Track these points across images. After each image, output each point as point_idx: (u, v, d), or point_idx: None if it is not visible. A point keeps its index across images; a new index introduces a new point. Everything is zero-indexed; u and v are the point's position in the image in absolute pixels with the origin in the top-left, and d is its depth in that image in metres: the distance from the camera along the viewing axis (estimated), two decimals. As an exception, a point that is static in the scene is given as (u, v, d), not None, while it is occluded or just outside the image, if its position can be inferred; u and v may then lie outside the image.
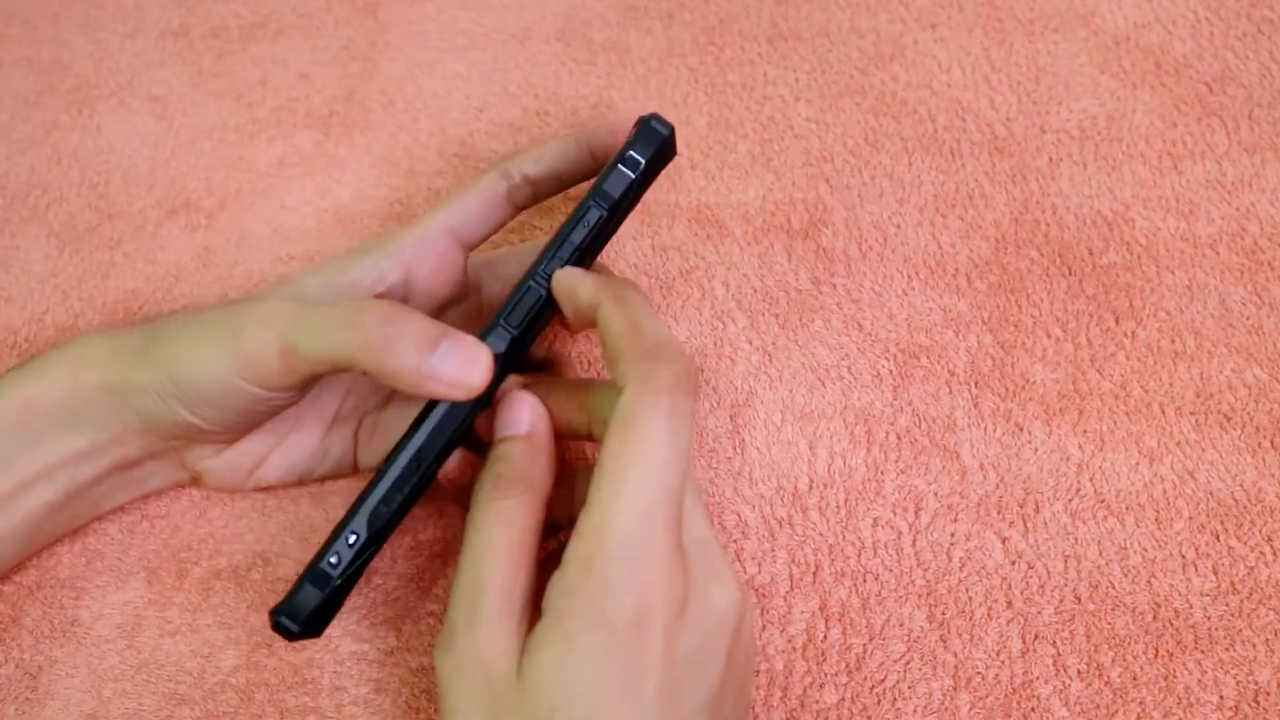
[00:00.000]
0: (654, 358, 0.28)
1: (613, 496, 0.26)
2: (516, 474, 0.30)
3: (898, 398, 0.39)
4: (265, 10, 0.52)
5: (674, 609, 0.27)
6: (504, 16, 0.51)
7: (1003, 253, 0.42)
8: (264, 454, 0.36)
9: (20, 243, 0.45)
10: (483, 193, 0.35)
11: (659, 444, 0.27)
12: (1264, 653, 0.33)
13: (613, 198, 0.32)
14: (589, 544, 0.26)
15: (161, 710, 0.35)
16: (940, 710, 0.33)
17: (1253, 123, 0.44)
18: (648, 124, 0.32)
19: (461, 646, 0.27)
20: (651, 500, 0.26)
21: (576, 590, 0.26)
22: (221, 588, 0.37)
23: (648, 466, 0.27)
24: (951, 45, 0.47)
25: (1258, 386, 0.38)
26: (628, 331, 0.29)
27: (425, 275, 0.35)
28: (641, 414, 0.27)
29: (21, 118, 0.49)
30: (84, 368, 0.33)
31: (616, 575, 0.26)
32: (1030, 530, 0.36)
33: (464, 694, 0.27)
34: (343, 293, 0.34)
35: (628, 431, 0.27)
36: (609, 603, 0.26)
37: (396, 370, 0.29)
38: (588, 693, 0.26)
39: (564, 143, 0.36)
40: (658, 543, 0.27)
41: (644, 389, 0.27)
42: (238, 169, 0.47)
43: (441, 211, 0.35)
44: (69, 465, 0.34)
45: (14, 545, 0.35)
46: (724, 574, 0.29)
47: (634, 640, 0.26)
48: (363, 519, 0.30)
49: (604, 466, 0.27)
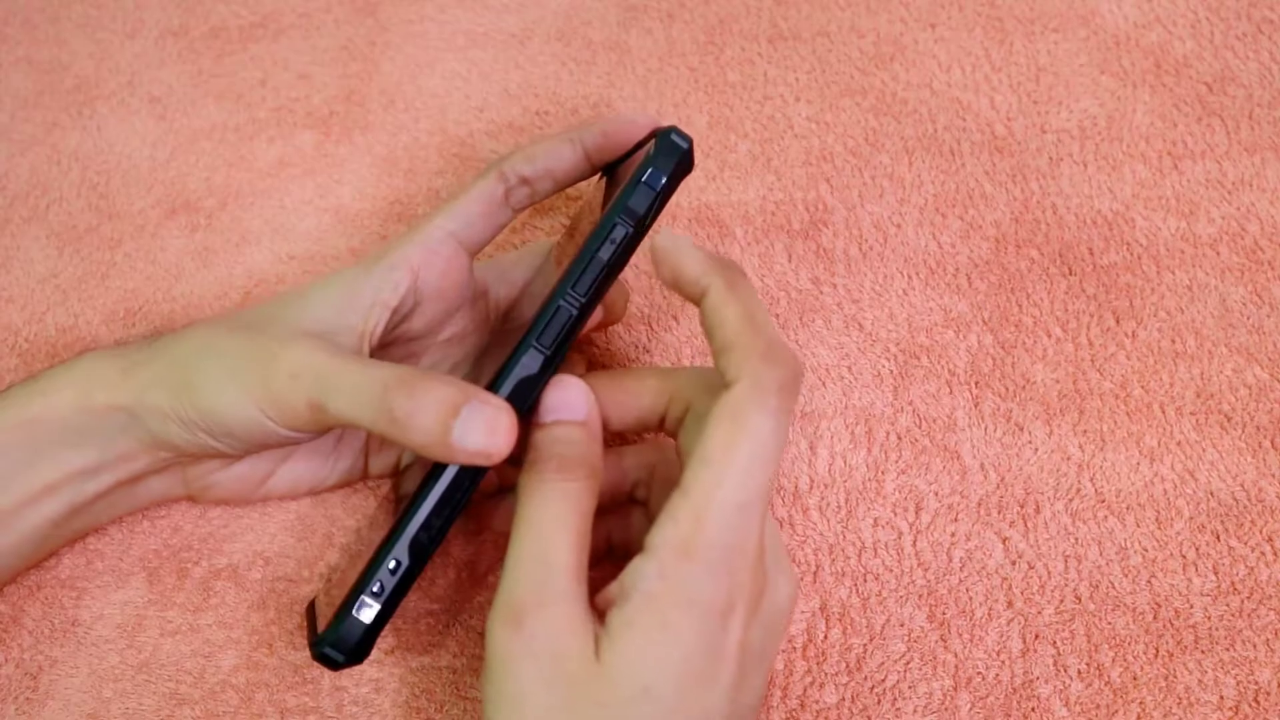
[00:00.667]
0: (769, 358, 0.28)
1: (716, 485, 0.27)
2: (580, 457, 0.30)
3: (898, 398, 0.39)
4: (265, 10, 0.52)
5: (753, 601, 0.28)
6: (504, 16, 0.51)
7: (1003, 253, 0.42)
8: (272, 468, 0.36)
9: (20, 243, 0.45)
10: (482, 196, 0.35)
11: (765, 443, 0.27)
12: (1264, 653, 0.33)
13: (639, 214, 0.31)
14: (687, 528, 0.27)
15: (162, 710, 0.35)
16: (940, 710, 0.33)
17: (1253, 123, 0.44)
18: (668, 138, 0.32)
19: (534, 623, 0.27)
20: (752, 494, 0.27)
21: (669, 574, 0.27)
22: (222, 588, 0.37)
23: (751, 462, 0.27)
24: (951, 45, 0.47)
25: (1258, 386, 0.38)
26: (744, 324, 0.29)
27: (433, 282, 0.35)
28: (752, 411, 0.27)
29: (21, 118, 0.49)
30: (93, 386, 0.33)
31: (715, 560, 0.27)
32: (1030, 530, 0.36)
33: (532, 673, 0.27)
34: (358, 312, 0.33)
35: (737, 426, 0.27)
36: (705, 589, 0.27)
37: (423, 444, 0.29)
38: (677, 676, 0.26)
39: (557, 142, 0.36)
40: (751, 536, 0.27)
41: (757, 388, 0.27)
42: (238, 169, 0.47)
43: (443, 217, 0.35)
44: (73, 482, 0.34)
45: (14, 559, 0.35)
46: (789, 569, 0.30)
47: (720, 629, 0.27)
48: (404, 546, 0.30)
49: (707, 456, 0.27)
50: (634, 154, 0.35)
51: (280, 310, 0.34)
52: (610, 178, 0.36)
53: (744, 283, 0.30)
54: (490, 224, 0.36)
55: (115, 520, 0.38)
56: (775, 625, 0.29)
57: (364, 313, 0.33)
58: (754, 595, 0.28)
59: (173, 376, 0.33)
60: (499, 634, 0.28)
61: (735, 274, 0.30)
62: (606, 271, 0.31)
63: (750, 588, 0.27)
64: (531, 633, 0.27)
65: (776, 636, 0.29)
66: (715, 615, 0.27)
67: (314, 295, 0.34)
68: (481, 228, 0.36)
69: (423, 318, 0.36)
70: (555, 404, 0.31)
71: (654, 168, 0.31)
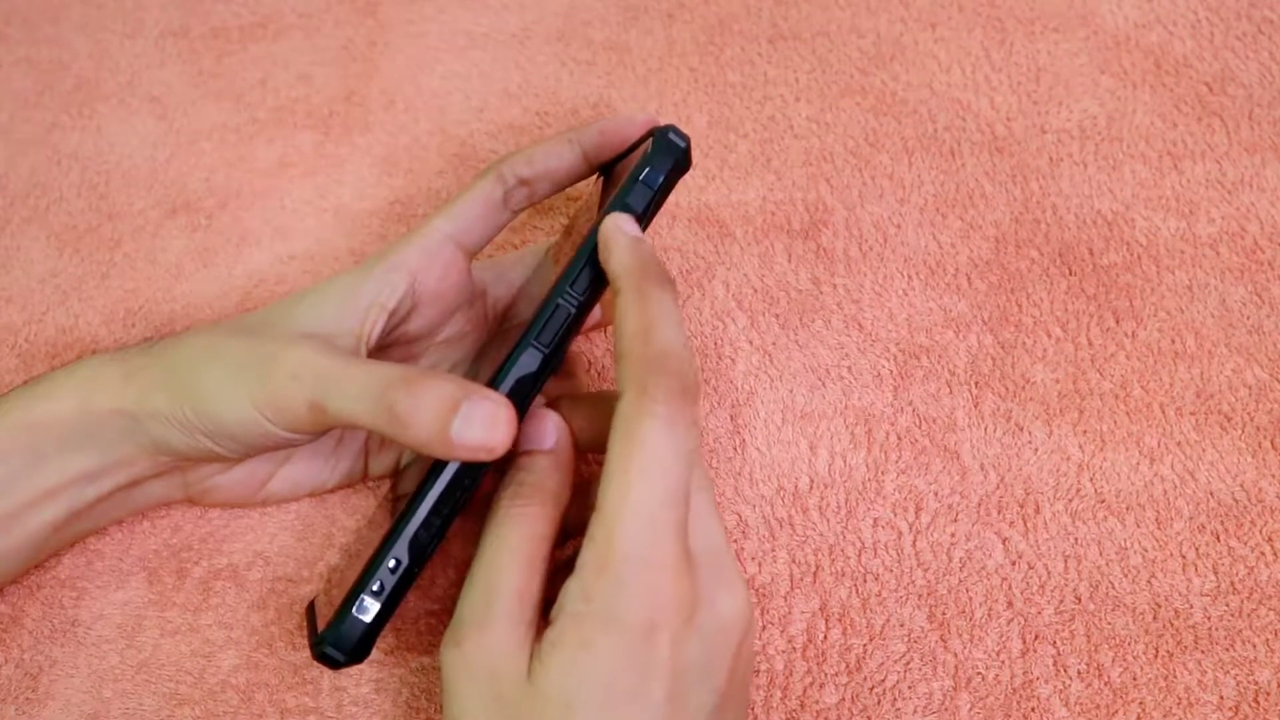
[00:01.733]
0: (655, 367, 0.28)
1: (620, 499, 0.27)
2: (537, 484, 0.30)
3: (898, 398, 0.39)
4: (265, 10, 0.52)
5: (682, 615, 0.27)
6: (504, 16, 0.51)
7: (1003, 253, 0.42)
8: (271, 470, 0.36)
9: (20, 243, 0.45)
10: (480, 197, 0.36)
11: (658, 449, 0.27)
12: (1264, 653, 0.33)
13: (636, 212, 0.32)
14: (601, 547, 0.27)
15: (162, 710, 0.35)
16: (940, 710, 0.33)
17: (1253, 123, 0.44)
18: (665, 137, 0.32)
19: (471, 645, 0.28)
20: (657, 503, 0.27)
21: (591, 593, 0.27)
22: (221, 587, 0.37)
23: (649, 471, 0.27)
24: (951, 45, 0.47)
25: (1258, 386, 0.38)
26: (636, 335, 0.29)
27: (431, 284, 0.35)
28: (639, 420, 0.27)
29: (21, 118, 0.49)
30: (94, 390, 0.33)
31: (628, 575, 0.26)
32: (1030, 530, 0.36)
33: (470, 692, 0.27)
34: (356, 314, 0.34)
35: (628, 437, 0.27)
36: (621, 605, 0.26)
37: (423, 441, 0.29)
38: (600, 696, 0.26)
39: (555, 143, 0.36)
40: (665, 547, 0.27)
41: (641, 397, 0.27)
42: (238, 169, 0.47)
43: (441, 219, 0.35)
44: (74, 486, 0.34)
45: (14, 563, 0.35)
46: (734, 582, 0.29)
47: (645, 645, 0.27)
48: (404, 545, 0.30)
49: (608, 471, 0.27)
50: (631, 153, 0.35)
51: (279, 314, 0.34)
52: (607, 177, 0.36)
53: (657, 291, 0.29)
54: (488, 226, 0.36)
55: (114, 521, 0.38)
56: (718, 640, 0.28)
57: (361, 315, 0.33)
58: (682, 609, 0.27)
59: (173, 381, 0.33)
60: (445, 652, 0.28)
61: (650, 281, 0.29)
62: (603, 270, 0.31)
63: (675, 600, 0.27)
64: (469, 653, 0.27)
65: (722, 652, 0.28)
66: (636, 632, 0.26)
67: (312, 299, 0.34)
68: (480, 230, 0.36)
69: (421, 319, 0.36)
70: (525, 436, 0.32)
71: (651, 166, 0.32)
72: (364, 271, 0.34)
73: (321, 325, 0.33)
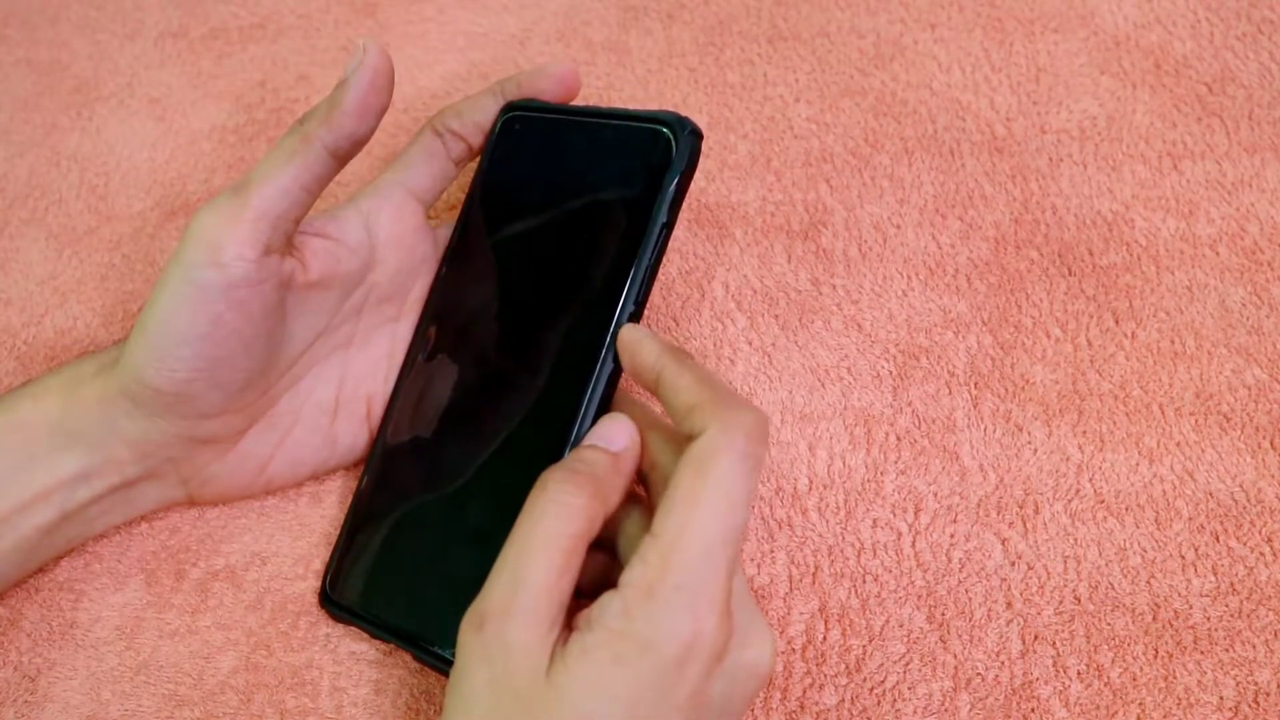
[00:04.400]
0: (732, 406, 0.28)
1: (682, 528, 0.27)
2: (592, 480, 0.30)
3: (897, 398, 0.39)
4: (265, 11, 0.52)
5: (715, 653, 0.27)
6: (504, 16, 0.51)
7: (1003, 253, 0.42)
8: (268, 453, 0.36)
9: (19, 245, 0.45)
10: (420, 149, 0.37)
11: (732, 486, 0.27)
12: (1264, 653, 0.33)
13: (673, 219, 0.34)
14: (654, 570, 0.27)
15: (161, 712, 0.35)
16: (940, 711, 0.33)
17: (1253, 123, 0.44)
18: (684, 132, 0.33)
19: (493, 632, 0.27)
20: (718, 539, 0.27)
21: (634, 612, 0.27)
22: (219, 589, 0.37)
23: (718, 506, 0.27)
24: (951, 45, 0.47)
25: (1258, 387, 0.38)
26: (701, 384, 0.29)
27: (386, 226, 0.36)
28: (719, 454, 0.27)
29: (21, 119, 0.49)
30: (76, 384, 0.34)
31: (677, 603, 0.27)
32: (1030, 531, 0.36)
33: (482, 678, 0.27)
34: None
35: (704, 469, 0.27)
36: (664, 631, 0.26)
37: (345, 113, 0.33)
38: (621, 713, 0.26)
39: (482, 96, 0.38)
40: (717, 582, 0.27)
41: (725, 432, 0.28)
42: (237, 170, 0.47)
43: (388, 170, 0.37)
44: (65, 488, 0.34)
45: (7, 569, 0.35)
46: (764, 631, 0.29)
47: (675, 674, 0.27)
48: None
49: (675, 500, 0.27)
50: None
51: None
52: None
53: (693, 361, 0.31)
54: (433, 172, 0.37)
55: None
56: (742, 682, 0.28)
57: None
58: (717, 645, 0.27)
59: (123, 347, 0.33)
60: (464, 633, 0.28)
61: (684, 354, 0.31)
62: (650, 272, 0.34)
63: (714, 636, 0.27)
64: (489, 639, 0.27)
65: (741, 695, 0.29)
66: (671, 660, 0.26)
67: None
68: (425, 174, 0.37)
69: (385, 269, 0.36)
70: (594, 433, 0.32)
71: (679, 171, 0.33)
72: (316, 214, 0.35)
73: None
